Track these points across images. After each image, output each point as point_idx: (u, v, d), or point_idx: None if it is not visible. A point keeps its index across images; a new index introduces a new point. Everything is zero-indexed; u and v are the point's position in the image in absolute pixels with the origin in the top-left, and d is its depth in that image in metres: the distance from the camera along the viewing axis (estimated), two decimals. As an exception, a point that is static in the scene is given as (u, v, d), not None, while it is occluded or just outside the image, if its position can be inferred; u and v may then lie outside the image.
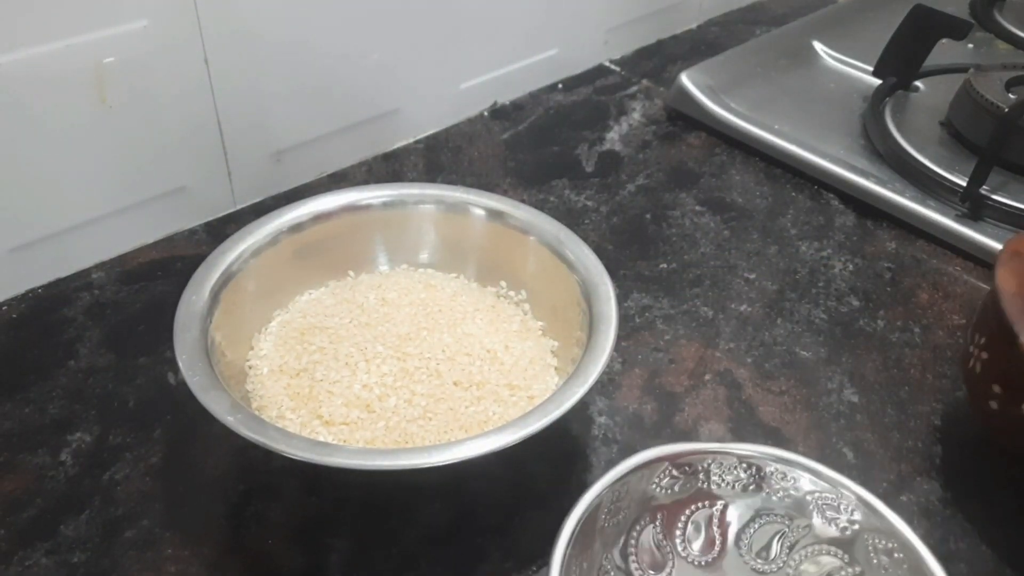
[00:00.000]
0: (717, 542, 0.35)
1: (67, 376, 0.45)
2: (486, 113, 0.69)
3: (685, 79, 0.68)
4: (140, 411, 0.43)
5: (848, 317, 0.51)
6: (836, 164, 0.61)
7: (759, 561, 0.35)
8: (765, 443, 0.38)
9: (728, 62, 0.73)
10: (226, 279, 0.41)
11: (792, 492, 0.35)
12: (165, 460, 0.41)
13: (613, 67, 0.77)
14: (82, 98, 0.47)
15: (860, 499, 0.34)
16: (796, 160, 0.62)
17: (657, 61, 0.79)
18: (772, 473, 0.35)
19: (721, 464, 0.36)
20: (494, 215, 0.47)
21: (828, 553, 0.34)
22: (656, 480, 0.35)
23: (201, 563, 0.36)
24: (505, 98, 0.70)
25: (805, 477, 0.35)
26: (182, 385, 0.35)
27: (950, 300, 0.52)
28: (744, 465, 0.36)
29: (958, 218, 0.56)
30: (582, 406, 0.44)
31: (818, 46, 0.77)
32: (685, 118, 0.69)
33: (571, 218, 0.58)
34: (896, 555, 0.33)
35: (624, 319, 0.50)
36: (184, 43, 0.49)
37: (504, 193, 0.60)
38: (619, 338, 0.48)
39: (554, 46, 0.72)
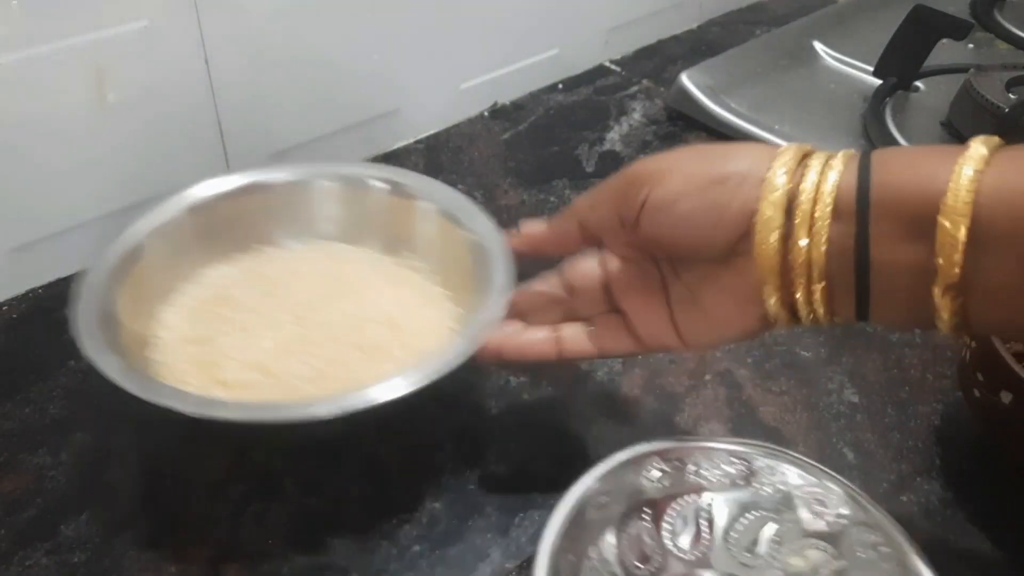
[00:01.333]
0: (705, 536, 0.35)
1: (67, 376, 0.45)
2: (486, 113, 0.69)
3: (685, 79, 0.68)
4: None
5: (848, 317, 0.51)
6: (836, 164, 0.61)
7: (747, 555, 0.35)
8: (758, 440, 0.38)
9: (728, 62, 0.73)
10: (129, 255, 0.42)
11: (780, 486, 0.36)
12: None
13: (613, 67, 0.77)
14: (82, 98, 0.47)
15: (847, 494, 0.35)
16: (796, 160, 0.62)
17: (657, 61, 0.79)
18: (761, 468, 0.36)
19: (710, 458, 0.36)
20: (393, 187, 0.48)
21: (815, 547, 0.35)
22: (645, 474, 0.36)
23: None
24: (505, 98, 0.70)
25: (793, 471, 0.36)
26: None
27: (950, 300, 0.52)
28: (733, 459, 0.36)
29: (958, 218, 0.56)
30: (582, 406, 0.45)
31: (818, 46, 0.77)
32: (685, 118, 0.69)
33: (571, 218, 0.58)
34: (882, 549, 0.33)
35: (624, 319, 0.50)
36: (184, 44, 0.49)
37: (504, 193, 0.60)
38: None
39: (554, 46, 0.72)
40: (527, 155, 0.64)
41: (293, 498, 0.39)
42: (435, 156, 0.64)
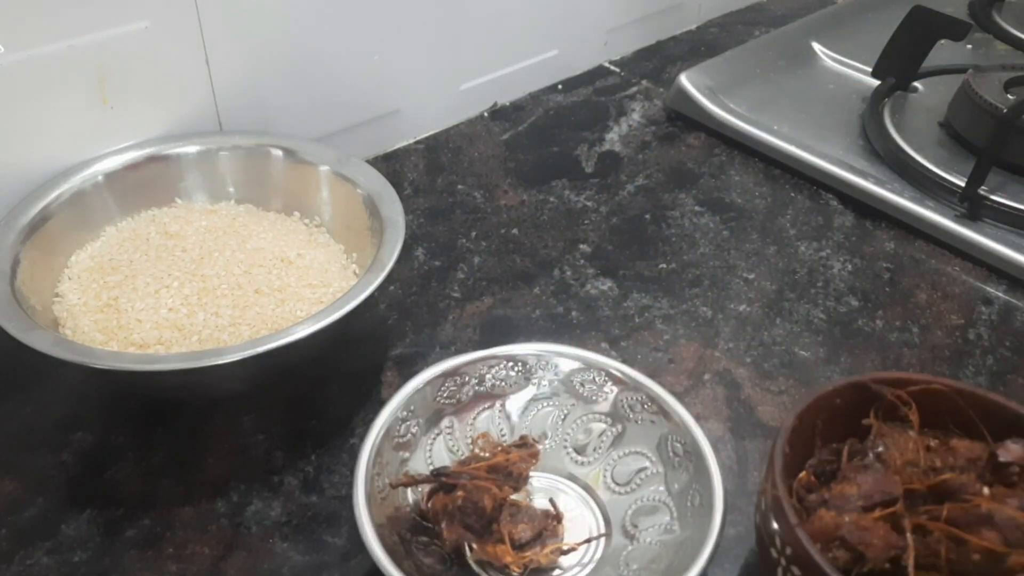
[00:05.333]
0: (504, 433, 0.41)
1: (69, 376, 0.45)
2: (486, 114, 0.69)
3: (684, 80, 0.69)
4: (141, 409, 0.43)
5: (847, 317, 0.51)
6: (835, 165, 0.61)
7: (544, 442, 0.41)
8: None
9: (727, 63, 0.73)
10: (25, 235, 0.43)
11: (555, 378, 0.41)
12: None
13: (613, 68, 0.77)
14: (83, 98, 0.47)
15: (612, 370, 0.40)
16: (795, 160, 0.63)
17: (656, 62, 0.79)
18: (536, 366, 0.41)
19: (491, 368, 0.41)
20: (287, 153, 0.51)
21: (596, 420, 0.41)
22: (439, 394, 0.40)
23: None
24: (505, 99, 0.70)
25: (564, 362, 0.41)
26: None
27: (949, 300, 0.52)
28: (511, 364, 0.41)
29: (957, 218, 0.56)
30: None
31: (817, 47, 0.77)
32: (684, 119, 0.69)
33: (571, 218, 0.58)
34: (646, 405, 0.39)
35: (624, 319, 0.50)
36: (185, 44, 0.49)
37: (504, 194, 0.60)
38: (618, 338, 0.49)
39: (554, 47, 0.72)
40: (527, 155, 0.64)
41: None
42: (435, 156, 0.64)
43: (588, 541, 0.37)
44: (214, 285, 0.43)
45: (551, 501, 0.38)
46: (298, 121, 0.57)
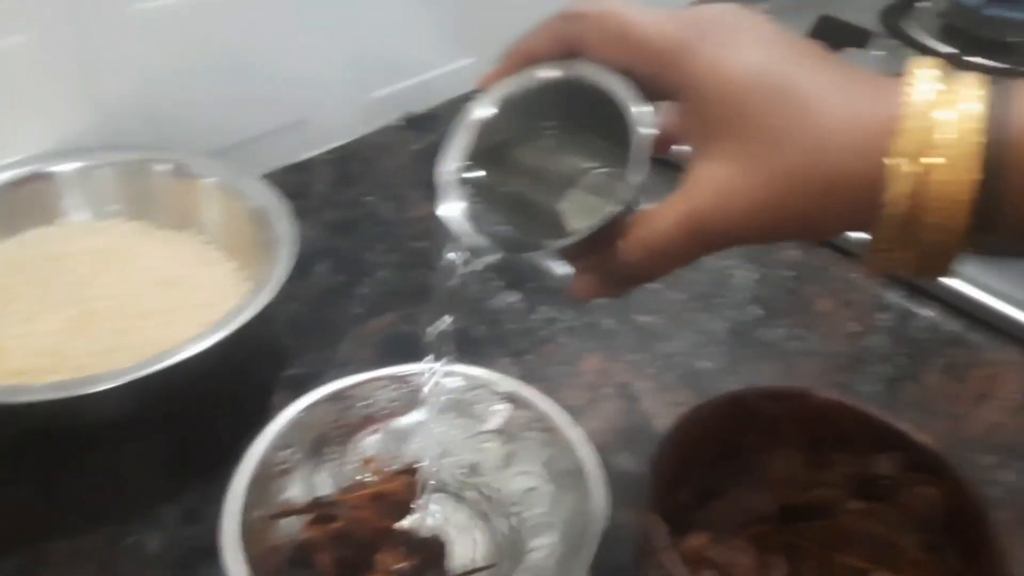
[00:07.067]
0: (395, 456, 0.39)
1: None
2: (400, 123, 0.68)
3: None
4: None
5: (748, 327, 0.51)
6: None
7: (435, 465, 0.39)
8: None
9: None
10: None
11: (444, 397, 0.39)
12: None
13: (532, 74, 0.77)
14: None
15: (500, 388, 0.40)
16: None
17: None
18: (424, 384, 0.39)
19: (378, 389, 0.40)
20: (172, 167, 0.50)
21: (487, 439, 0.40)
22: (322, 419, 0.39)
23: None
24: (419, 107, 0.69)
25: (452, 381, 0.39)
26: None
27: (849, 307, 0.53)
28: (398, 384, 0.40)
29: (859, 226, 0.57)
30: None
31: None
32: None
33: (480, 230, 0.58)
34: (536, 423, 0.38)
35: (528, 332, 0.50)
36: (65, 58, 0.48)
37: (414, 206, 0.60)
38: (521, 352, 0.49)
39: (470, 55, 0.71)
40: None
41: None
42: (345, 167, 0.63)
43: (471, 573, 0.36)
44: (95, 309, 0.42)
45: (433, 530, 0.38)
46: (196, 133, 0.55)
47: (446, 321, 0.34)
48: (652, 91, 0.28)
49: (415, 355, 0.48)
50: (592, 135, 0.31)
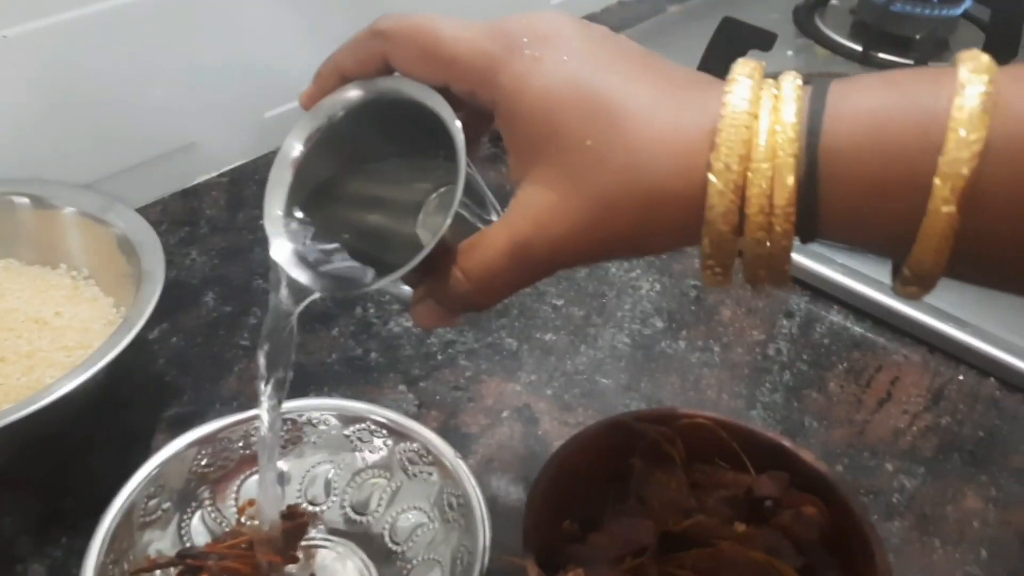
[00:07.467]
0: (278, 497, 0.37)
1: None
2: (300, 141, 0.66)
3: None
4: None
5: (651, 340, 0.50)
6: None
7: (318, 505, 0.38)
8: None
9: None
10: None
11: (325, 435, 0.39)
12: None
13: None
14: None
15: (386, 422, 0.38)
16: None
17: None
18: (303, 423, 0.39)
19: (256, 429, 0.37)
20: (35, 201, 0.47)
21: (372, 476, 0.39)
22: (195, 463, 0.37)
23: None
24: (320, 124, 0.67)
25: (333, 417, 0.38)
26: None
27: (752, 315, 0.52)
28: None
29: (762, 230, 0.56)
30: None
31: (643, 58, 0.77)
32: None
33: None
34: (423, 457, 0.37)
35: (425, 357, 0.48)
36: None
37: (311, 227, 0.57)
38: (417, 378, 0.47)
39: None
40: (340, 184, 0.62)
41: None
42: (238, 190, 0.60)
43: None
44: None
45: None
46: (74, 163, 0.52)
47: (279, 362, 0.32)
48: (476, 108, 0.26)
49: (304, 387, 0.46)
50: (425, 152, 0.30)
